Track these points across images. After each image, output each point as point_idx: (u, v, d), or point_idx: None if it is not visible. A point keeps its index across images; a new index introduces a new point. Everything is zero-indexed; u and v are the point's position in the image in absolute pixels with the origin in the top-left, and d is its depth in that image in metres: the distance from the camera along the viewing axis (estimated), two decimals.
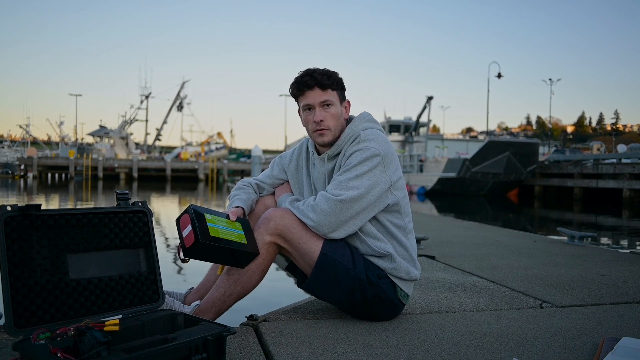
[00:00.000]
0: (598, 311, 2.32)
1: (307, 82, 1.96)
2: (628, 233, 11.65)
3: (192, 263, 1.91)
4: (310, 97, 1.97)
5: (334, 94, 1.99)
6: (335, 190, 1.88)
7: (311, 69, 2.00)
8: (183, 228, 1.78)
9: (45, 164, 43.65)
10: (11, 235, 1.45)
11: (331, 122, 1.98)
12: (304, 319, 2.08)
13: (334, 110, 1.99)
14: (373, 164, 1.90)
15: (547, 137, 69.97)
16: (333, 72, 2.02)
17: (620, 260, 3.83)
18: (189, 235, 1.75)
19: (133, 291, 1.68)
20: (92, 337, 1.27)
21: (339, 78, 2.02)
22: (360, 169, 1.89)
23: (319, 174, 2.06)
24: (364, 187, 1.87)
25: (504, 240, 4.87)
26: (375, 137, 1.96)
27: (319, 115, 1.96)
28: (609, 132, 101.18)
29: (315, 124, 1.97)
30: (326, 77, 1.96)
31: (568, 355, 1.72)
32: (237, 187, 2.21)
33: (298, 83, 1.99)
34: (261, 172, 2.32)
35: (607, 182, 22.67)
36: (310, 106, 1.98)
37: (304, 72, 2.00)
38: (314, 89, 1.96)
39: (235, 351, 1.68)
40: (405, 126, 34.72)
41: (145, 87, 61.00)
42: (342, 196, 1.85)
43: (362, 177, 1.88)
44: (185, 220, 1.79)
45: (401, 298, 2.03)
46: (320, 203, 1.87)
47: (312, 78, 1.95)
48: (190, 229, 1.75)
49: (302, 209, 1.91)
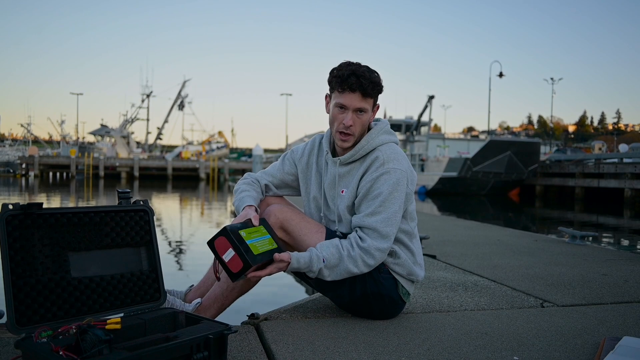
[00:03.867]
0: (599, 310, 2.32)
1: (352, 84, 1.86)
2: (629, 233, 11.63)
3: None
4: (349, 100, 1.89)
5: (371, 102, 1.92)
6: (380, 228, 1.86)
7: (358, 69, 1.88)
8: (222, 252, 1.74)
9: (46, 162, 43.72)
10: (13, 233, 1.45)
11: (358, 129, 1.94)
12: (305, 318, 2.08)
13: (366, 117, 1.94)
14: (401, 185, 1.91)
15: (548, 136, 69.86)
16: (378, 78, 1.92)
17: (622, 259, 3.83)
18: (233, 260, 1.72)
19: (135, 290, 1.69)
20: (94, 335, 1.27)
21: (382, 85, 1.94)
22: (390, 197, 1.89)
23: (331, 175, 2.05)
24: (394, 210, 1.89)
25: (505, 240, 4.87)
26: (396, 156, 1.95)
27: (350, 119, 1.90)
28: (611, 131, 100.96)
29: (343, 125, 1.92)
30: (372, 85, 1.88)
31: (569, 354, 1.72)
32: (244, 181, 2.17)
33: (342, 81, 1.88)
34: (266, 167, 2.29)
35: (608, 182, 22.64)
36: (345, 108, 1.92)
37: (350, 69, 1.88)
38: (356, 93, 1.88)
39: (237, 350, 1.69)
40: (406, 125, 34.68)
41: (146, 86, 61.13)
42: (388, 239, 1.88)
43: (394, 203, 1.89)
44: (222, 243, 1.74)
45: (402, 295, 2.03)
46: (374, 254, 1.86)
47: (359, 83, 1.86)
48: (233, 253, 1.72)
49: (356, 262, 1.87)
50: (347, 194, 1.99)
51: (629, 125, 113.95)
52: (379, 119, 2.10)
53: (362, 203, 1.93)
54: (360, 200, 1.94)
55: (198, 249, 6.83)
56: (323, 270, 1.86)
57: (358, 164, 1.99)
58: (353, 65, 1.90)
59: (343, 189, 2.00)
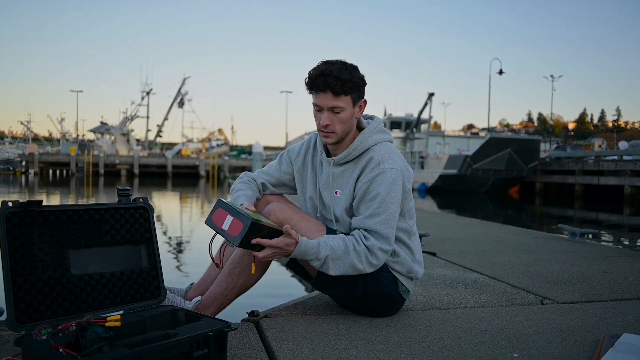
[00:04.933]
0: (599, 308, 2.32)
1: (320, 85, 1.85)
2: (629, 230, 11.64)
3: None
4: (321, 100, 1.88)
5: (347, 99, 1.88)
6: (381, 230, 1.86)
7: (328, 68, 1.85)
8: (221, 223, 1.70)
9: (46, 160, 43.74)
10: (13, 231, 1.45)
11: (338, 126, 1.92)
12: (305, 315, 2.08)
13: (344, 115, 1.91)
14: (397, 185, 1.91)
15: (548, 133, 69.75)
16: (351, 74, 1.87)
17: (621, 257, 3.83)
18: (233, 225, 1.68)
19: (134, 287, 1.69)
20: (93, 332, 1.27)
21: (357, 80, 1.89)
22: (388, 197, 1.88)
23: (326, 175, 2.04)
24: (393, 211, 1.89)
25: (504, 237, 4.87)
26: (390, 155, 1.94)
27: (326, 119, 1.89)
28: (611, 129, 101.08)
29: (320, 125, 1.92)
30: (340, 84, 1.84)
31: (569, 351, 1.72)
32: (241, 180, 2.16)
33: (312, 82, 1.88)
34: (263, 167, 2.29)
35: (608, 179, 22.65)
36: (320, 108, 1.91)
37: (319, 70, 1.86)
38: (326, 92, 1.86)
39: (237, 347, 1.69)
40: (406, 123, 34.70)
41: (146, 83, 61.07)
42: (390, 241, 1.88)
43: (392, 203, 1.89)
44: (219, 214, 1.71)
45: (402, 293, 2.03)
46: (377, 254, 1.86)
47: (326, 82, 1.84)
48: (232, 219, 1.68)
49: (360, 257, 1.86)
50: (342, 195, 1.98)
51: (628, 123, 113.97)
52: (373, 117, 2.09)
53: (360, 205, 1.93)
54: (359, 202, 1.93)
55: (198, 246, 6.84)
56: (329, 260, 1.83)
57: (352, 165, 1.98)
58: (325, 65, 1.87)
59: (337, 190, 2.00)
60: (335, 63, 1.88)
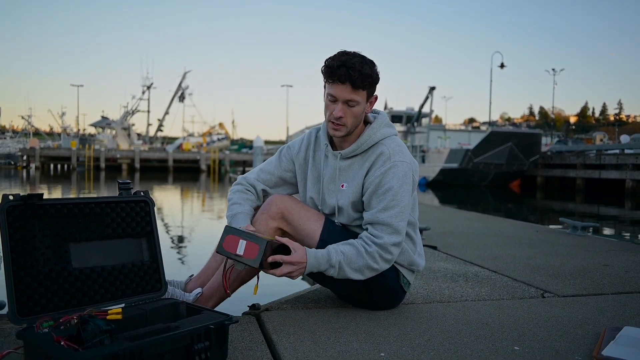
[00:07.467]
0: (600, 301, 2.32)
1: (341, 76, 1.81)
2: (630, 223, 11.64)
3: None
4: (338, 91, 1.84)
5: (363, 93, 1.86)
6: (395, 223, 1.86)
7: (349, 60, 1.81)
8: (234, 248, 1.70)
9: (47, 154, 43.73)
10: (14, 224, 1.45)
11: (350, 120, 1.90)
12: (306, 308, 2.09)
13: (357, 109, 1.89)
14: (408, 178, 1.92)
15: (549, 127, 69.70)
16: (371, 70, 1.85)
17: (622, 250, 3.83)
18: (248, 248, 1.68)
19: (136, 280, 1.69)
20: (95, 325, 1.27)
21: (375, 76, 1.87)
22: (401, 190, 1.89)
23: (331, 168, 2.03)
24: (405, 204, 1.90)
25: (506, 231, 4.87)
26: (400, 149, 1.95)
27: (340, 111, 1.87)
28: (612, 122, 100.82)
29: (333, 116, 1.89)
30: (361, 78, 1.81)
31: (570, 344, 1.72)
32: (237, 189, 2.11)
33: (331, 72, 1.83)
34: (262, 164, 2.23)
35: (609, 173, 22.63)
36: (335, 99, 1.88)
37: (341, 61, 1.82)
38: (345, 84, 1.82)
39: (238, 340, 1.69)
40: (407, 117, 34.62)
41: (147, 77, 60.99)
42: (402, 234, 1.89)
43: (405, 196, 1.89)
44: (230, 241, 1.71)
45: (403, 285, 2.03)
46: (391, 250, 1.86)
47: (347, 74, 1.80)
48: (245, 242, 1.69)
49: (374, 258, 1.85)
50: (349, 188, 1.97)
51: (630, 116, 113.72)
52: (379, 111, 2.08)
53: (372, 198, 1.91)
54: (370, 196, 1.92)
55: (199, 239, 6.85)
56: (343, 265, 1.82)
57: (360, 158, 1.98)
58: (345, 56, 1.84)
59: (343, 183, 1.99)
60: (355, 55, 1.86)
